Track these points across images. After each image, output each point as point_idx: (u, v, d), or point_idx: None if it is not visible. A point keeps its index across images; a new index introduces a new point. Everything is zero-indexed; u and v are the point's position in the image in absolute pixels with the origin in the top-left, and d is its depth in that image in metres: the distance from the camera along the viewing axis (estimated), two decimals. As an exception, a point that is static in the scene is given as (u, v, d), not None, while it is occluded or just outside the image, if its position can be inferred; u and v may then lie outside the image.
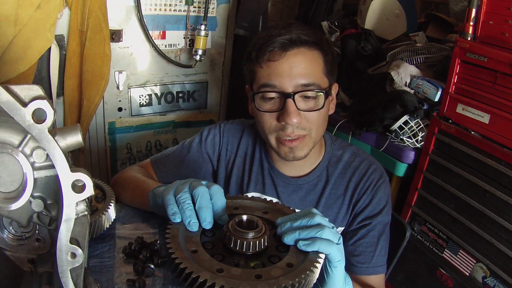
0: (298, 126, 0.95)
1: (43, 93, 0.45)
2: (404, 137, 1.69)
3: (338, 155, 1.11)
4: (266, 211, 0.78)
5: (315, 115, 0.96)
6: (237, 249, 0.65)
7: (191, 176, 1.16)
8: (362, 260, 1.03)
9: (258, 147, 1.14)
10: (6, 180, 0.49)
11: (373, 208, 1.05)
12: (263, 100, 0.98)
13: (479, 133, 1.47)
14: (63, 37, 1.80)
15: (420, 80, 1.72)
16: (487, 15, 1.42)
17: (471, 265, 1.50)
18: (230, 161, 1.17)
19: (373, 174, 1.07)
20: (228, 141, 1.18)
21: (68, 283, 0.48)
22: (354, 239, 1.05)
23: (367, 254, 1.03)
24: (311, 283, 0.62)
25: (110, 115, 2.09)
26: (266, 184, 1.12)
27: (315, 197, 1.09)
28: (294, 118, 0.93)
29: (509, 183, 1.37)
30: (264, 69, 0.96)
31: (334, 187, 1.08)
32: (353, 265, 1.03)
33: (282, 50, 0.93)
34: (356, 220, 1.06)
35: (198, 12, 2.11)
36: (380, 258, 1.04)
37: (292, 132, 0.96)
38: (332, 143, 1.13)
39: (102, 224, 0.85)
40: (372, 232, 1.04)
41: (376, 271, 1.03)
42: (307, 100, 0.96)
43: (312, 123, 0.97)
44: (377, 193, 1.05)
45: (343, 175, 1.09)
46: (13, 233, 0.60)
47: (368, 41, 2.05)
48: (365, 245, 1.04)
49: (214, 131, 1.19)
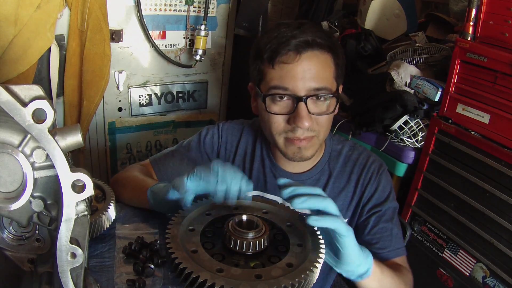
0: (308, 129, 0.96)
1: (43, 93, 0.45)
2: (404, 137, 1.69)
3: (338, 149, 1.13)
4: (266, 211, 0.78)
5: (325, 118, 0.97)
6: (237, 249, 0.65)
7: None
8: (382, 246, 1.03)
9: (259, 145, 1.15)
10: (6, 180, 0.49)
11: (379, 196, 1.07)
12: (273, 101, 0.97)
13: (479, 133, 1.47)
14: (63, 37, 1.80)
15: (420, 80, 1.72)
16: (487, 15, 1.42)
17: (471, 265, 1.50)
18: (229, 160, 1.18)
19: (373, 164, 1.09)
20: (227, 141, 1.18)
21: (68, 283, 0.48)
22: (368, 229, 1.05)
23: (385, 239, 1.03)
24: (311, 283, 0.62)
25: (110, 115, 2.09)
26: (268, 182, 1.12)
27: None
28: (306, 122, 0.93)
29: (509, 183, 1.37)
30: (276, 71, 0.94)
31: (336, 181, 1.10)
32: (374, 254, 1.03)
33: (296, 53, 0.92)
34: (365, 210, 1.07)
35: (198, 12, 2.11)
36: (397, 240, 1.04)
37: (302, 134, 0.96)
38: (331, 138, 1.14)
39: (102, 224, 0.85)
40: (384, 217, 1.05)
41: (398, 253, 1.03)
42: (318, 103, 0.95)
43: (322, 125, 0.97)
44: (381, 181, 1.07)
45: (344, 168, 1.10)
46: (13, 233, 0.60)
47: (368, 41, 2.05)
48: (380, 231, 1.04)
49: (212, 130, 1.19)
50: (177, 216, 0.73)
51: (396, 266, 1.00)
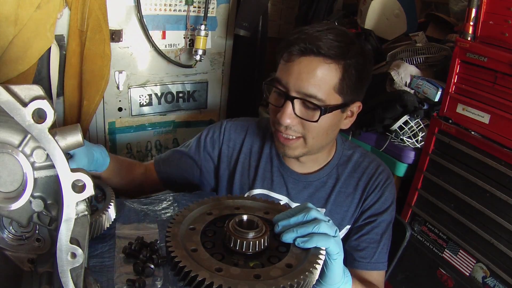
0: (291, 128, 0.97)
1: (43, 93, 0.45)
2: (404, 137, 1.69)
3: (348, 154, 1.13)
4: (267, 211, 0.78)
5: (312, 124, 0.96)
6: (237, 249, 0.65)
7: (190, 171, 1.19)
8: (364, 255, 1.05)
9: (268, 144, 1.15)
10: (6, 180, 0.49)
11: (379, 206, 1.08)
12: (270, 92, 1.03)
13: (479, 133, 1.47)
14: (63, 37, 1.80)
15: (420, 80, 1.72)
16: (487, 15, 1.42)
17: (471, 265, 1.50)
18: (232, 158, 1.18)
19: (381, 174, 1.10)
20: (230, 138, 1.18)
21: (68, 283, 0.48)
22: (358, 235, 1.07)
23: (370, 250, 1.05)
24: (310, 284, 0.62)
25: (110, 115, 2.09)
26: (275, 181, 1.13)
27: (325, 195, 1.11)
28: (287, 119, 0.95)
29: (509, 183, 1.37)
30: (281, 65, 0.98)
31: (343, 186, 1.10)
32: (355, 260, 1.05)
33: (300, 54, 0.93)
34: (362, 217, 1.09)
35: (198, 12, 2.11)
36: (381, 255, 1.06)
37: (284, 130, 0.98)
38: (343, 143, 1.15)
39: (102, 224, 0.85)
40: (376, 229, 1.06)
41: (377, 267, 1.05)
42: (307, 109, 0.96)
43: (308, 130, 0.97)
44: (384, 193, 1.08)
45: (352, 174, 1.11)
46: (13, 233, 0.60)
47: (368, 41, 2.05)
48: (368, 241, 1.06)
49: (214, 128, 1.20)
50: (178, 215, 0.73)
51: (369, 284, 1.02)
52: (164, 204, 1.03)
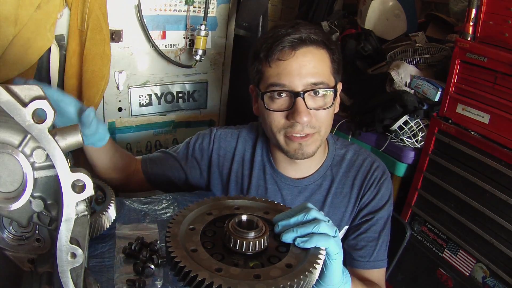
0: (308, 125, 0.96)
1: (43, 93, 0.45)
2: (404, 137, 1.69)
3: (341, 154, 1.12)
4: (267, 211, 0.78)
5: (324, 113, 0.97)
6: (236, 249, 0.65)
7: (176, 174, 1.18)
8: (363, 254, 1.04)
9: (259, 151, 1.14)
10: (6, 180, 0.49)
11: (376, 204, 1.07)
12: (272, 99, 0.98)
13: (479, 133, 1.47)
14: (63, 37, 1.80)
15: (420, 80, 1.72)
16: (487, 15, 1.42)
17: (471, 265, 1.50)
18: (225, 167, 1.17)
19: (376, 171, 1.09)
20: (220, 147, 1.17)
21: (68, 283, 0.48)
22: (356, 233, 1.07)
23: (368, 249, 1.05)
24: (310, 284, 0.62)
25: (110, 115, 2.09)
26: (269, 189, 1.12)
27: (321, 197, 1.10)
28: (305, 116, 0.94)
29: (509, 183, 1.37)
30: (273, 69, 0.96)
31: (339, 186, 1.10)
32: (354, 259, 1.05)
33: (291, 49, 0.94)
34: (359, 215, 1.08)
35: (198, 12, 2.11)
36: (381, 252, 1.06)
37: (301, 130, 0.96)
38: (335, 143, 1.14)
39: (102, 224, 0.85)
40: (374, 227, 1.06)
41: (377, 265, 1.05)
42: (316, 99, 0.96)
43: (322, 121, 0.98)
44: (381, 189, 1.08)
45: (347, 173, 1.10)
46: (13, 233, 0.60)
47: (368, 41, 2.05)
48: (366, 240, 1.05)
49: (204, 136, 1.19)
50: (178, 215, 0.73)
51: (369, 284, 1.01)
52: (164, 204, 1.03)
